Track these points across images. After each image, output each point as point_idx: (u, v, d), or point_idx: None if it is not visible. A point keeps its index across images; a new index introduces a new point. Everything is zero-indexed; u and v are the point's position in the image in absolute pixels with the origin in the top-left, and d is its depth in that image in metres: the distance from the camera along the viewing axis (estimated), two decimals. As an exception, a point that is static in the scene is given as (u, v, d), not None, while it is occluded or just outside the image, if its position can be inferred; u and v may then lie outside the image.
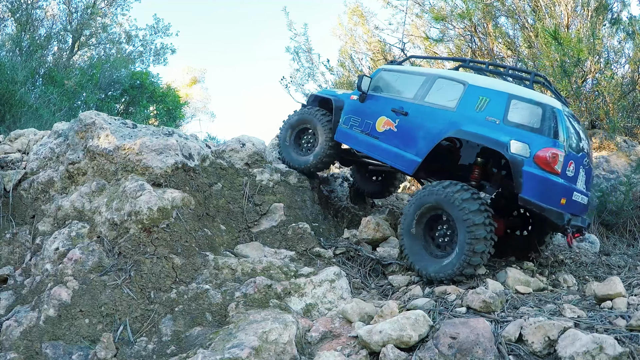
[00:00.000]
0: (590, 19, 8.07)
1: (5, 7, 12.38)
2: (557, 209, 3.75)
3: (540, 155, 3.69)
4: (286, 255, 4.45)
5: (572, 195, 3.93)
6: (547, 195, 3.72)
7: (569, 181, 3.89)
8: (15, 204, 4.64)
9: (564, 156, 3.75)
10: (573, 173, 3.92)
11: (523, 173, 3.71)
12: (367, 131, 5.01)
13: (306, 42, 11.47)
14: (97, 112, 4.95)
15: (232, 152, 5.28)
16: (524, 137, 3.83)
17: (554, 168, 3.69)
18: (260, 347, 2.84)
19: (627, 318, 2.76)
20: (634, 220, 6.26)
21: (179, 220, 3.98)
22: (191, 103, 22.17)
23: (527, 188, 3.71)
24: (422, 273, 4.02)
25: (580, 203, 4.13)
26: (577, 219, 4.13)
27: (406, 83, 4.91)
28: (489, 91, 4.19)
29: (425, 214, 4.08)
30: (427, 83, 4.66)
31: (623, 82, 7.79)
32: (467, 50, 9.74)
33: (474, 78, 4.49)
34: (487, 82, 4.37)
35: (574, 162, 3.93)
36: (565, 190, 3.84)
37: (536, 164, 3.71)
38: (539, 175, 3.70)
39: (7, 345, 3.15)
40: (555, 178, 3.74)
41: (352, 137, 5.19)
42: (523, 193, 3.73)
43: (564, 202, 3.81)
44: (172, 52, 15.89)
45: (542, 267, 4.68)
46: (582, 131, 4.31)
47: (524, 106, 3.96)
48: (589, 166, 4.29)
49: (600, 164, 7.24)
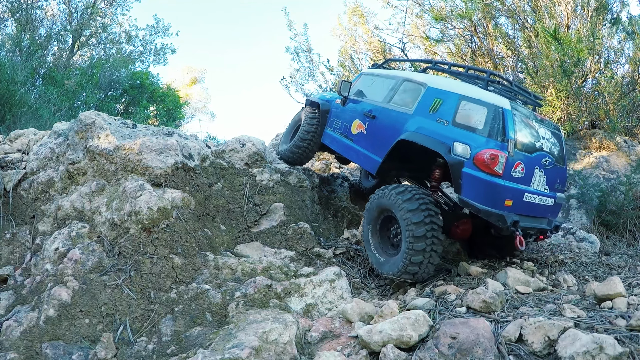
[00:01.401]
0: (590, 19, 8.07)
1: (5, 7, 12.38)
2: (497, 211, 3.65)
3: (478, 157, 3.63)
4: (286, 255, 4.45)
5: (523, 196, 3.81)
6: (486, 197, 3.64)
7: (516, 182, 3.77)
8: (15, 204, 4.64)
9: (507, 157, 3.64)
10: (523, 174, 3.79)
11: (462, 175, 3.69)
12: (345, 134, 5.18)
13: (306, 42, 11.49)
14: (97, 112, 4.95)
15: (232, 152, 5.28)
16: (467, 138, 3.78)
17: (493, 169, 3.60)
18: (260, 347, 2.84)
19: (627, 318, 2.76)
20: (634, 220, 6.26)
21: (179, 220, 3.98)
22: (191, 103, 22.19)
23: (466, 190, 3.69)
24: (378, 270, 4.13)
25: (539, 205, 4.00)
26: (538, 220, 4.05)
27: (379, 87, 5.00)
28: (443, 93, 4.18)
29: (380, 214, 4.19)
30: (395, 86, 4.75)
31: (623, 82, 7.80)
32: (467, 50, 9.74)
33: (435, 80, 4.44)
34: (445, 84, 4.30)
35: (524, 162, 3.79)
36: (510, 192, 3.71)
37: (475, 166, 3.65)
38: (478, 176, 3.64)
39: (7, 345, 3.14)
40: (496, 180, 3.63)
41: (334, 139, 5.40)
42: (462, 195, 3.72)
43: (509, 204, 3.70)
44: (172, 52, 15.95)
45: (542, 267, 4.68)
46: (546, 130, 4.18)
47: (471, 107, 3.92)
48: (553, 166, 4.12)
49: (600, 164, 7.24)
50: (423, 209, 3.79)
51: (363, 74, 5.50)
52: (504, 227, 3.69)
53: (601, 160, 7.29)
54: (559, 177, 4.26)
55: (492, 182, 3.63)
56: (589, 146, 7.75)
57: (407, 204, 3.82)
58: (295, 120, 6.30)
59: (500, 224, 3.68)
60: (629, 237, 6.17)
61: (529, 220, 3.95)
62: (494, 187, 3.64)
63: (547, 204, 4.11)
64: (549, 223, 4.17)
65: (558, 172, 4.23)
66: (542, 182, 4.03)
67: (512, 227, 3.66)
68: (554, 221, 4.23)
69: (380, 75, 5.15)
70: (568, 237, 5.89)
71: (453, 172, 3.77)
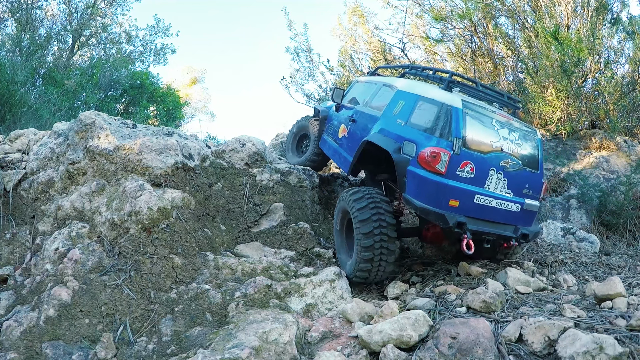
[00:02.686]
0: (590, 19, 8.07)
1: (5, 7, 12.38)
2: (437, 210, 3.53)
3: (421, 155, 3.58)
4: (286, 255, 4.45)
5: (473, 198, 3.66)
6: (427, 195, 3.56)
7: (464, 183, 3.64)
8: (15, 204, 4.64)
9: (451, 155, 3.54)
10: (473, 174, 3.65)
11: (407, 173, 3.64)
12: (334, 138, 5.33)
13: (306, 42, 11.48)
14: (97, 112, 4.95)
15: (232, 152, 5.28)
16: (416, 136, 3.76)
17: (435, 167, 3.53)
18: (261, 347, 2.84)
19: (627, 318, 2.76)
20: (634, 220, 6.25)
21: (179, 220, 3.98)
22: (191, 103, 22.18)
23: (409, 188, 3.64)
24: (342, 269, 4.13)
25: (498, 209, 3.82)
26: (499, 226, 3.87)
27: (365, 93, 5.12)
28: (406, 95, 4.20)
29: (344, 216, 4.23)
30: (375, 91, 4.85)
31: (623, 82, 7.79)
32: (467, 50, 9.74)
33: (407, 84, 4.43)
34: (412, 87, 4.28)
35: (474, 162, 3.66)
36: (454, 192, 3.58)
37: (419, 164, 3.60)
38: (419, 174, 3.58)
39: (7, 345, 3.14)
40: (438, 178, 3.53)
41: (327, 144, 5.56)
42: (406, 193, 3.66)
43: (455, 205, 3.58)
44: (172, 52, 15.94)
45: (542, 267, 4.68)
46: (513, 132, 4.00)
47: (425, 106, 3.90)
48: (517, 169, 3.94)
49: (600, 164, 7.23)
50: (374, 219, 3.73)
51: (356, 81, 5.66)
52: (447, 227, 3.56)
53: (601, 160, 7.29)
54: (529, 183, 4.03)
55: (433, 181, 3.54)
56: (589, 146, 7.75)
57: (359, 213, 3.79)
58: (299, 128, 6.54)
59: (441, 223, 3.57)
60: (629, 237, 6.16)
61: (485, 224, 3.77)
62: (435, 185, 3.54)
63: (510, 210, 3.91)
64: (515, 231, 3.94)
65: (526, 177, 4.01)
66: (502, 185, 3.85)
67: (456, 229, 3.53)
68: (521, 229, 3.97)
69: (368, 82, 5.27)
70: (568, 237, 5.89)
71: (398, 170, 3.73)
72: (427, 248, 5.24)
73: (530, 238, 4.10)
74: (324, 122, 5.83)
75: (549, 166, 7.44)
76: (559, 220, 6.45)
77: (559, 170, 7.28)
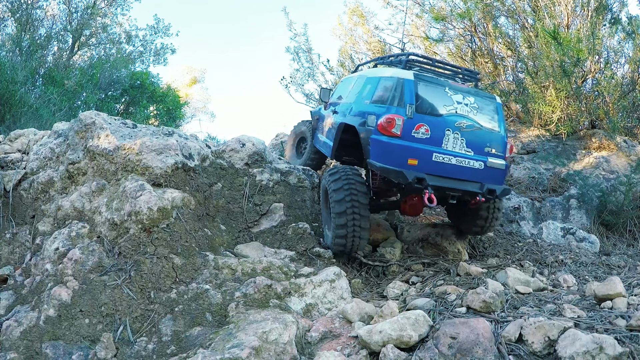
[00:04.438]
0: (590, 19, 8.07)
1: (5, 7, 12.38)
2: (397, 168, 3.92)
3: (380, 123, 4.06)
4: (286, 255, 4.45)
5: (431, 156, 4.04)
6: (387, 156, 3.99)
7: (420, 143, 4.05)
8: (15, 204, 4.64)
9: (404, 119, 3.99)
10: (428, 135, 4.06)
11: (370, 141, 4.11)
12: (322, 132, 5.84)
13: (306, 42, 11.48)
14: (97, 112, 4.94)
15: (232, 152, 5.28)
16: (377, 110, 4.25)
17: (391, 131, 3.98)
18: (260, 347, 2.84)
19: (627, 318, 2.76)
20: (634, 220, 6.26)
21: (179, 220, 3.98)
22: (191, 103, 22.17)
23: (372, 153, 4.08)
24: (325, 241, 4.63)
25: (459, 166, 4.16)
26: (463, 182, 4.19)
27: (346, 88, 5.59)
28: (372, 79, 4.71)
29: (325, 194, 4.62)
30: (353, 83, 5.33)
31: (623, 82, 7.79)
32: (467, 50, 9.74)
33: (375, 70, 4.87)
34: (377, 72, 4.77)
35: (429, 124, 4.07)
36: (411, 151, 3.99)
37: (379, 131, 4.06)
38: (379, 139, 4.04)
39: (7, 345, 3.14)
40: (394, 140, 3.99)
41: (319, 140, 6.01)
42: (370, 158, 4.09)
43: (414, 163, 3.98)
44: (172, 52, 15.93)
45: (542, 267, 4.68)
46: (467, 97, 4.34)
47: (384, 83, 4.40)
48: (476, 129, 4.27)
49: (600, 164, 7.23)
50: (346, 188, 4.16)
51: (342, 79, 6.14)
52: (406, 183, 3.94)
53: (601, 160, 7.29)
54: (490, 142, 4.35)
55: (390, 143, 4.00)
56: (589, 146, 7.75)
57: (333, 184, 4.25)
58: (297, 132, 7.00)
59: (400, 180, 3.95)
60: (629, 237, 6.17)
61: (447, 181, 4.12)
62: (393, 147, 4.00)
63: (474, 167, 4.23)
64: (480, 187, 4.23)
65: (486, 136, 4.34)
66: (460, 143, 4.20)
67: (416, 184, 3.91)
68: (487, 185, 4.25)
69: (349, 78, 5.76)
70: (568, 237, 5.90)
71: (363, 142, 4.21)
72: (427, 248, 5.24)
73: (499, 194, 4.33)
74: (316, 122, 6.32)
75: (549, 166, 7.44)
76: (559, 220, 6.46)
77: (559, 170, 7.28)
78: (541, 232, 6.08)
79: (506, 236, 5.96)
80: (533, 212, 6.56)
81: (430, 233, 5.22)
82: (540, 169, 7.45)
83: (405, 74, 4.24)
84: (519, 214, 6.45)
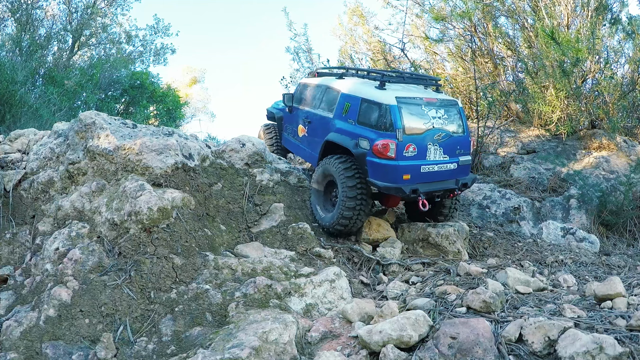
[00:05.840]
0: (590, 19, 8.07)
1: (5, 7, 12.38)
2: (395, 185, 4.57)
3: (374, 147, 4.58)
4: (286, 255, 4.45)
5: (420, 169, 4.70)
6: (385, 176, 4.58)
7: (410, 160, 4.65)
8: (15, 204, 4.64)
9: (397, 143, 4.54)
10: (416, 152, 4.67)
11: (367, 162, 4.66)
12: (294, 136, 6.30)
13: (306, 42, 11.47)
14: (97, 112, 4.94)
15: (232, 152, 5.28)
16: (367, 133, 4.76)
17: (387, 155, 4.54)
18: (261, 347, 2.84)
19: (627, 318, 2.76)
20: (634, 220, 6.26)
21: (179, 220, 3.98)
22: (191, 103, 22.17)
23: (371, 173, 4.66)
24: (319, 221, 5.08)
25: (440, 171, 4.86)
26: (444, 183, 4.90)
27: (312, 94, 5.95)
28: (350, 97, 5.14)
29: (325, 178, 5.10)
30: (322, 93, 5.70)
31: (623, 82, 7.80)
32: (467, 50, 9.74)
33: (347, 86, 5.30)
34: (353, 89, 5.19)
35: (415, 143, 4.66)
36: (405, 169, 4.60)
37: (374, 154, 4.61)
38: (377, 162, 4.59)
39: (7, 345, 3.14)
40: (390, 162, 4.56)
41: (289, 142, 6.50)
42: (369, 177, 4.68)
43: (407, 178, 4.61)
44: (172, 52, 15.91)
45: (542, 267, 4.69)
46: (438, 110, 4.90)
47: (368, 107, 4.87)
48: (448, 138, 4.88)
49: (600, 164, 7.24)
50: (357, 176, 4.75)
51: (300, 83, 6.43)
52: (404, 196, 4.67)
53: (601, 160, 7.29)
54: (459, 144, 5.02)
55: (387, 165, 4.57)
56: (589, 146, 7.75)
57: (346, 172, 4.79)
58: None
59: (400, 195, 4.64)
60: (629, 237, 6.17)
61: (433, 185, 4.83)
62: (390, 168, 4.57)
63: (450, 169, 4.95)
64: (456, 183, 4.99)
65: (456, 141, 4.99)
66: (439, 153, 4.85)
67: (412, 194, 4.59)
68: (460, 180, 5.03)
69: (311, 84, 6.07)
70: (568, 237, 5.90)
71: (359, 161, 4.74)
72: (427, 248, 5.24)
73: (469, 184, 5.15)
74: (280, 122, 6.80)
75: (549, 166, 7.45)
76: (559, 220, 6.46)
77: (559, 170, 7.28)
78: (541, 232, 6.08)
79: (506, 236, 5.96)
80: (533, 212, 6.56)
81: (430, 233, 5.22)
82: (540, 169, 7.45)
83: (389, 98, 4.67)
84: (519, 214, 6.45)
